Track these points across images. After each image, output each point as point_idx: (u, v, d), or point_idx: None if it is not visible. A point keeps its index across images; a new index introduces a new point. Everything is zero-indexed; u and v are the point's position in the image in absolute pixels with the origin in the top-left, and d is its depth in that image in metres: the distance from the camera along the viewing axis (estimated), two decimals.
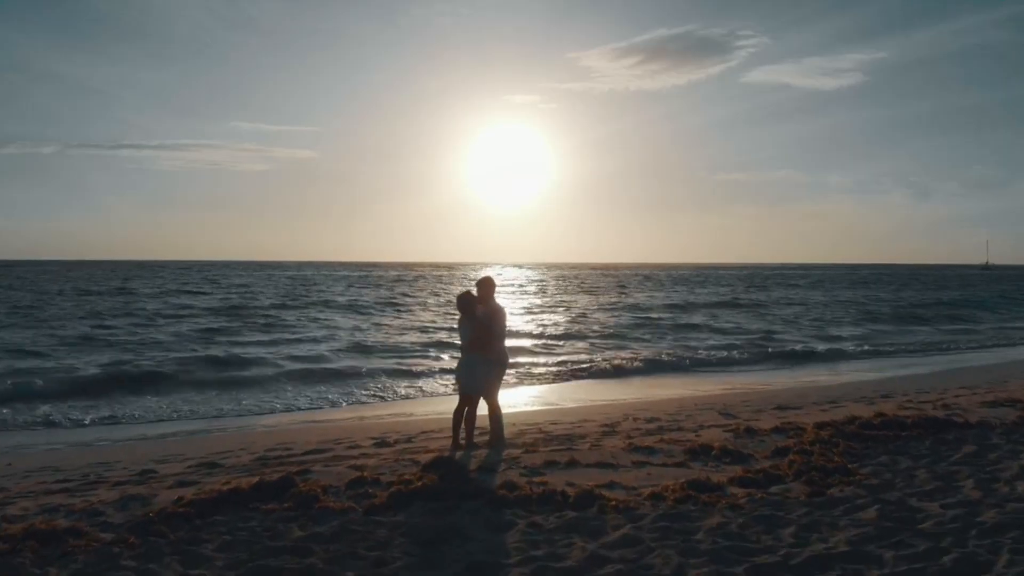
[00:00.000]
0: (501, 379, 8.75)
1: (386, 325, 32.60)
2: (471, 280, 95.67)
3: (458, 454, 8.08)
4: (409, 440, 10.07)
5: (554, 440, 9.02)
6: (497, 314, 8.59)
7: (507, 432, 10.35)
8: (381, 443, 9.80)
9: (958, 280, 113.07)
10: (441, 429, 10.64)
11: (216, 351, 21.93)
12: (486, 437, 8.96)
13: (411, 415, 13.82)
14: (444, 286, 79.94)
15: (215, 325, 29.85)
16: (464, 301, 8.61)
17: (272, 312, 37.33)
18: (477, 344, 8.44)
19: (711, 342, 26.68)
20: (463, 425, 8.55)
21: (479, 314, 8.63)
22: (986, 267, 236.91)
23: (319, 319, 35.43)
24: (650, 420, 11.31)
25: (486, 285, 8.77)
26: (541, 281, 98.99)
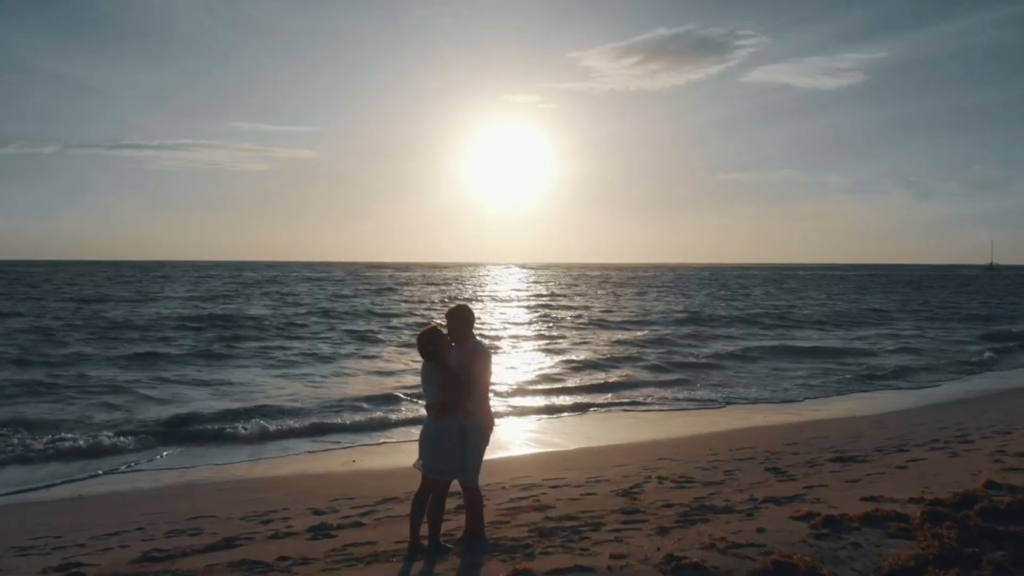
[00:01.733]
0: (483, 452, 6.13)
1: (373, 345, 28.75)
2: (469, 283, 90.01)
3: (415, 569, 5.50)
4: (359, 521, 7.47)
5: (556, 534, 6.43)
6: (477, 359, 5.99)
7: (493, 503, 7.80)
8: (320, 528, 7.22)
9: (979, 281, 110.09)
10: (408, 496, 8.07)
11: (161, 383, 18.59)
12: (461, 517, 6.41)
13: (381, 466, 11.26)
14: (440, 288, 76.72)
15: (171, 348, 25.63)
16: (428, 342, 6.00)
17: (242, 326, 32.54)
18: (448, 404, 5.85)
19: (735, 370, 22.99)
20: (426, 518, 5.96)
21: (451, 360, 6.04)
22: (990, 267, 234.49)
23: (294, 332, 31.70)
24: (680, 483, 8.72)
25: (460, 317, 6.16)
26: (547, 283, 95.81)
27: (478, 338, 6.25)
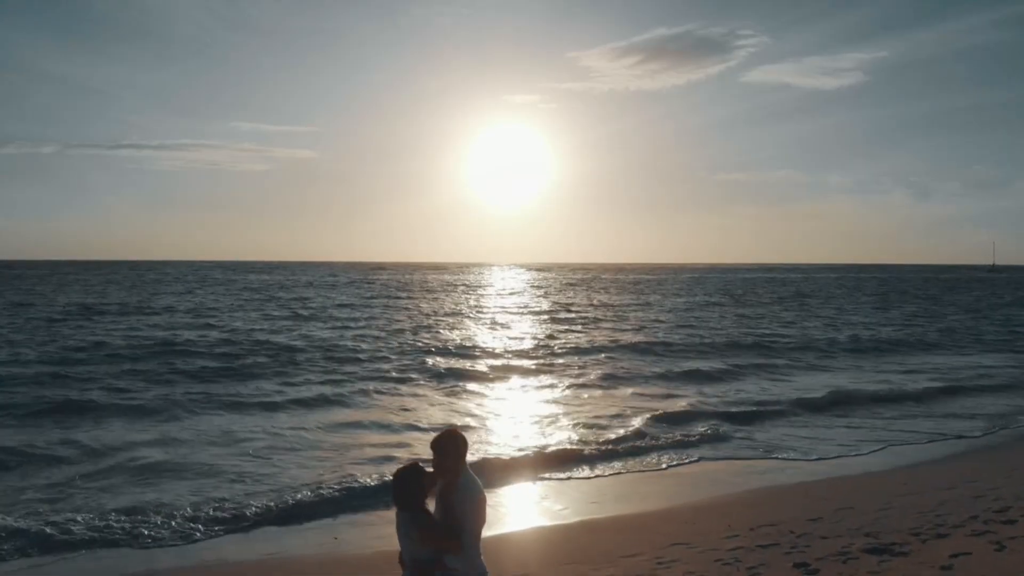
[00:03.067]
0: None
1: (365, 383, 22.94)
2: (474, 290, 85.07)
3: None
4: None
5: None
6: (468, 501, 4.98)
7: None
8: None
9: (989, 286, 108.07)
10: None
11: (110, 451, 14.59)
12: None
13: (364, 548, 10.23)
14: (444, 294, 74.64)
15: (120, 395, 20.38)
16: (406, 485, 4.98)
17: (216, 356, 27.48)
18: (428, 563, 4.85)
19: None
20: None
21: (436, 505, 5.05)
22: (993, 269, 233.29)
23: (276, 364, 26.02)
24: None
25: (449, 446, 5.13)
26: (556, 290, 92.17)
27: (471, 474, 5.23)
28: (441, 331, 39.05)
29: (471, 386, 23.22)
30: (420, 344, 33.04)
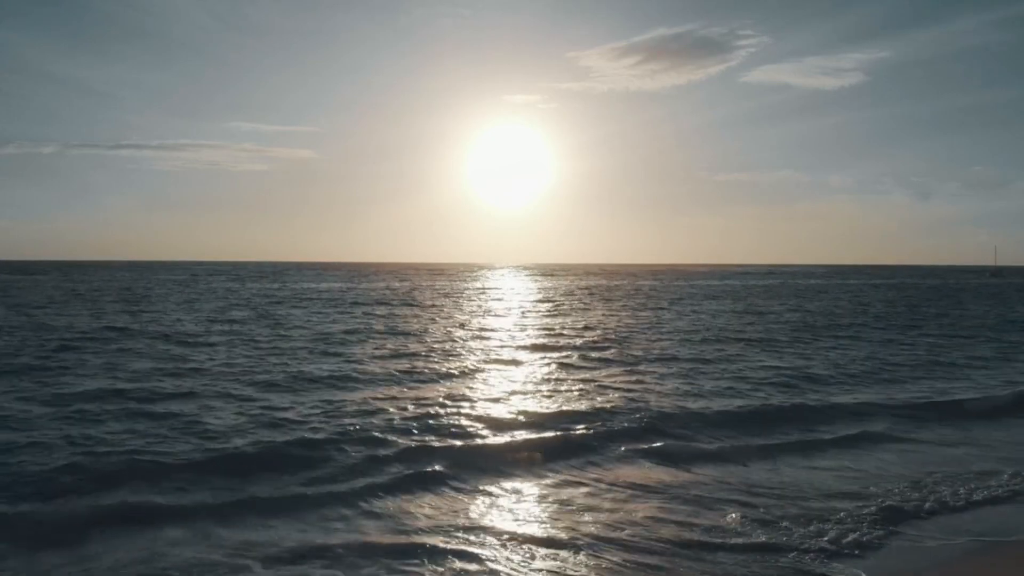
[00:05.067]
0: None
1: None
2: (474, 306, 78.72)
3: None
4: None
5: None
6: None
7: None
8: None
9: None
10: None
11: None
12: None
13: None
14: (453, 311, 71.58)
15: None
16: None
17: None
18: None
19: None
20: None
21: None
22: (996, 273, 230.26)
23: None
24: None
25: None
26: (569, 306, 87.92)
27: None
28: (450, 383, 32.08)
29: (483, 487, 17.89)
30: (422, 410, 26.69)
